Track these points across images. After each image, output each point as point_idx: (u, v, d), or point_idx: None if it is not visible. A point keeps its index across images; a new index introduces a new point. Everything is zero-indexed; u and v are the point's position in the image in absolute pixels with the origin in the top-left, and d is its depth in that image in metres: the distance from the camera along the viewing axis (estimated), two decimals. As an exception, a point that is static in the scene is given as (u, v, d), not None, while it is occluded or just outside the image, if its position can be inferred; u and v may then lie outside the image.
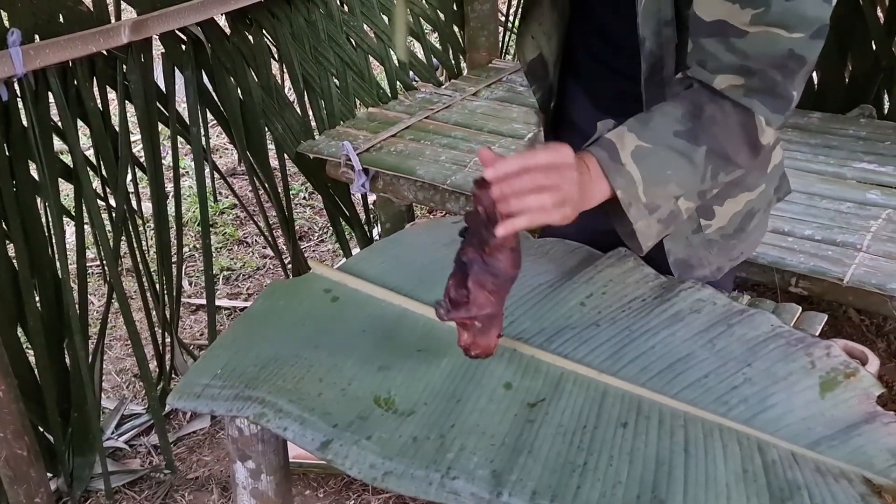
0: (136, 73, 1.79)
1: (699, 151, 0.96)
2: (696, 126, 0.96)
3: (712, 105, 0.97)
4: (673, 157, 0.96)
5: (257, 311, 1.22)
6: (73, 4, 1.67)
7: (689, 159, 0.97)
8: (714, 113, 0.96)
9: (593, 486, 0.90)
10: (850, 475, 0.90)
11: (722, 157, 0.98)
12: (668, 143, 0.96)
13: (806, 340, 1.07)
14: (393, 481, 0.93)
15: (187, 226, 2.89)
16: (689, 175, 0.98)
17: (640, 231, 1.00)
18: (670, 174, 0.97)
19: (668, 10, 1.03)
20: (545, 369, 1.06)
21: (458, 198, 1.94)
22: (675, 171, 0.97)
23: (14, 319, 1.66)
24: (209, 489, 1.87)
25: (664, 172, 0.97)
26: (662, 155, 0.96)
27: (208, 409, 1.06)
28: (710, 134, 0.96)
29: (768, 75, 0.94)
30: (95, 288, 2.56)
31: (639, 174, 0.95)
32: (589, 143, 1.00)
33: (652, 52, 1.06)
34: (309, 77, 2.23)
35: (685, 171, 0.97)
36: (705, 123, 0.96)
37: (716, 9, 0.94)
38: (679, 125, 0.97)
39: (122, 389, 2.19)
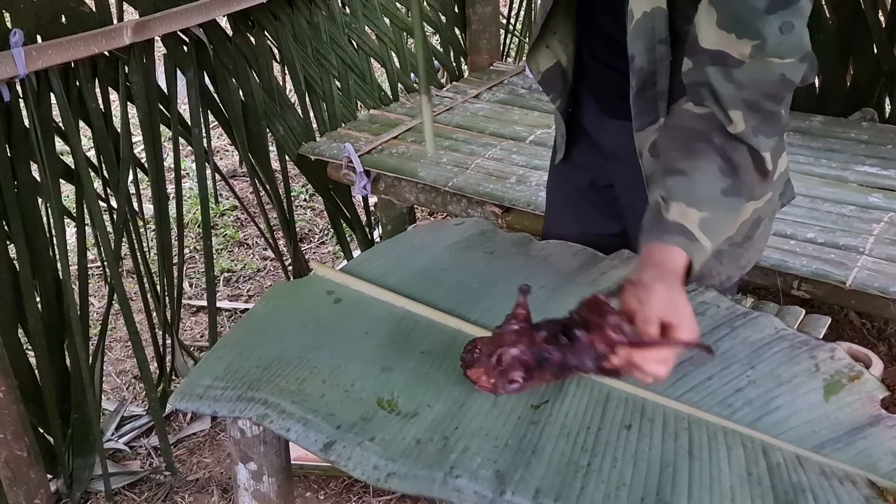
0: (138, 74, 1.79)
1: (741, 203, 1.02)
2: (735, 181, 1.00)
3: (737, 154, 1.00)
4: (728, 215, 1.02)
5: (260, 313, 1.22)
6: (76, 5, 1.67)
7: (737, 211, 1.02)
8: (741, 162, 1.00)
9: (597, 487, 0.90)
10: (854, 478, 0.90)
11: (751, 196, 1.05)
12: (721, 206, 1.00)
13: (810, 343, 1.07)
14: (396, 482, 0.92)
15: (188, 227, 2.88)
16: (735, 220, 1.05)
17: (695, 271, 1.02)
18: (724, 227, 1.03)
19: (661, 27, 1.05)
20: (549, 371, 1.06)
21: (459, 200, 1.94)
22: (727, 225, 1.03)
23: (15, 320, 1.66)
24: (209, 491, 1.87)
25: (724, 231, 1.03)
26: (720, 217, 1.00)
27: (211, 410, 1.05)
28: (746, 184, 1.01)
29: (764, 107, 0.98)
30: (96, 289, 2.56)
31: (709, 243, 0.99)
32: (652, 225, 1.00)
33: (642, 68, 1.08)
34: (310, 79, 2.23)
35: (734, 221, 1.05)
36: (741, 175, 1.00)
37: (713, 38, 0.97)
38: (722, 182, 0.99)
39: (123, 391, 2.18)
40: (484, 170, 1.99)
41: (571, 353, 0.96)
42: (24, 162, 1.63)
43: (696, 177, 0.99)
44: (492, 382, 1.00)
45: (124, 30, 1.72)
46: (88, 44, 1.67)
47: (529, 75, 2.61)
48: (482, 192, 1.88)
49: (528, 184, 1.90)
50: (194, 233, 2.84)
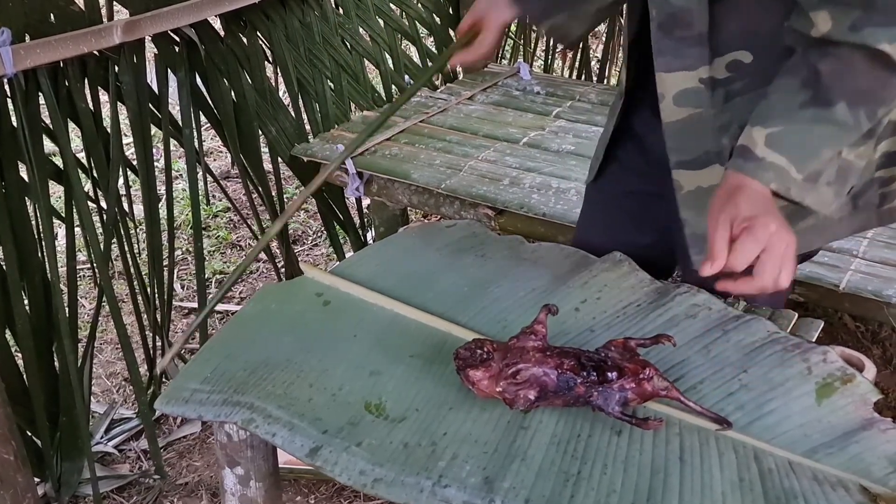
0: (129, 74, 1.78)
1: (836, 110, 0.90)
2: (818, 91, 0.91)
3: (827, 61, 0.90)
4: (810, 126, 0.91)
5: (248, 315, 1.20)
6: (65, 4, 1.66)
7: (829, 122, 0.91)
8: (834, 67, 0.90)
9: (587, 494, 0.88)
10: (847, 483, 0.89)
11: (869, 99, 0.91)
12: (798, 118, 0.91)
13: (802, 346, 1.06)
14: (383, 488, 0.91)
15: (180, 229, 2.87)
16: (838, 133, 0.92)
17: (813, 203, 0.95)
18: (817, 144, 0.92)
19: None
20: (539, 375, 1.05)
21: (452, 202, 1.93)
22: (820, 139, 0.92)
23: (2, 322, 1.64)
24: (199, 495, 1.85)
25: (810, 145, 0.92)
26: (797, 130, 0.91)
27: (196, 414, 1.04)
28: (839, 90, 0.90)
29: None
30: (86, 291, 2.54)
31: (783, 159, 0.91)
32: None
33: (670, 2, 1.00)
34: (303, 79, 2.22)
35: (831, 133, 0.92)
36: (827, 83, 0.90)
37: None
38: (801, 96, 0.91)
39: (113, 393, 2.16)
40: (477, 171, 1.98)
41: (598, 391, 0.96)
42: (11, 162, 1.61)
43: (773, 98, 0.93)
44: (497, 391, 0.98)
45: (114, 29, 1.71)
46: (78, 43, 1.65)
47: (524, 77, 2.61)
48: (475, 194, 1.87)
49: (521, 185, 1.89)
50: (186, 234, 2.82)
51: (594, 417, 0.98)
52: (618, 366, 0.96)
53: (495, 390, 0.98)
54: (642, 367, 0.96)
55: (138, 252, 1.94)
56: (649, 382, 0.95)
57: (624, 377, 0.95)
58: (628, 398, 0.95)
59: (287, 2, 2.15)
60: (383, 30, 2.44)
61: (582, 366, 0.97)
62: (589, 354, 0.99)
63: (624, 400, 0.96)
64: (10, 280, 1.62)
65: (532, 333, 1.01)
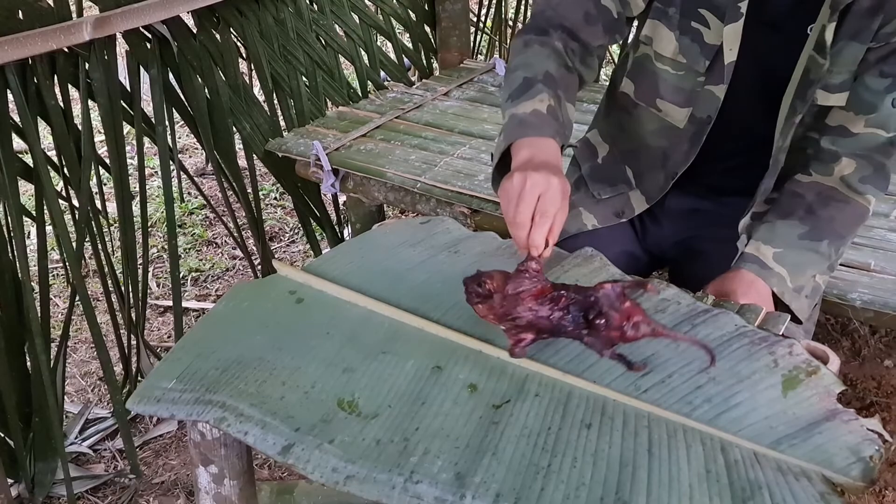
0: (100, 71, 1.76)
1: (822, 244, 1.20)
2: (813, 228, 1.20)
3: (827, 209, 1.21)
4: (803, 253, 1.21)
5: (220, 313, 1.20)
6: (34, 0, 1.64)
7: (816, 251, 1.21)
8: (832, 214, 1.21)
9: (557, 487, 0.89)
10: (810, 474, 0.90)
11: (840, 239, 1.22)
12: (796, 246, 1.20)
13: (769, 339, 1.08)
14: (355, 485, 0.91)
15: (155, 226, 2.85)
16: (819, 260, 1.21)
17: (796, 309, 1.22)
18: (805, 263, 1.20)
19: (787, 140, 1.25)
20: (510, 371, 1.06)
21: (428, 199, 1.93)
22: (808, 261, 1.21)
23: (-28, 322, 1.62)
24: (175, 494, 1.84)
25: (801, 264, 1.20)
26: (795, 254, 1.20)
27: (168, 413, 1.04)
28: (827, 232, 1.20)
29: (875, 159, 1.19)
30: (60, 290, 2.52)
31: (784, 271, 1.19)
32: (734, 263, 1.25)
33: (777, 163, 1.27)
34: (278, 76, 2.21)
35: (815, 259, 1.21)
36: (823, 224, 1.20)
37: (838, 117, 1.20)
38: (800, 229, 1.21)
39: (87, 393, 2.15)
40: (453, 168, 1.98)
41: (587, 333, 1.04)
42: (-20, 160, 1.60)
43: (778, 225, 1.21)
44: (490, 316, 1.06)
45: (84, 26, 1.70)
46: (47, 39, 1.64)
47: (500, 73, 2.61)
48: (450, 192, 1.88)
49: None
50: (161, 232, 2.80)
51: (565, 410, 0.99)
52: (609, 309, 1.02)
53: (490, 316, 1.06)
54: (631, 312, 1.02)
55: (112, 250, 1.92)
56: (637, 326, 1.02)
57: (613, 320, 1.02)
58: (614, 340, 1.03)
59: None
60: (358, 25, 2.43)
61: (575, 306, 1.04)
62: (581, 299, 1.04)
63: (611, 344, 1.03)
64: (-20, 280, 1.60)
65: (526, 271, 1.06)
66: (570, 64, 1.26)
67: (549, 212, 1.09)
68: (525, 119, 1.15)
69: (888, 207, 1.78)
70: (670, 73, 1.29)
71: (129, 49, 1.88)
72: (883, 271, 1.59)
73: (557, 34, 1.25)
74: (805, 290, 1.22)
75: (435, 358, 1.08)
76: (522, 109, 1.16)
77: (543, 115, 1.15)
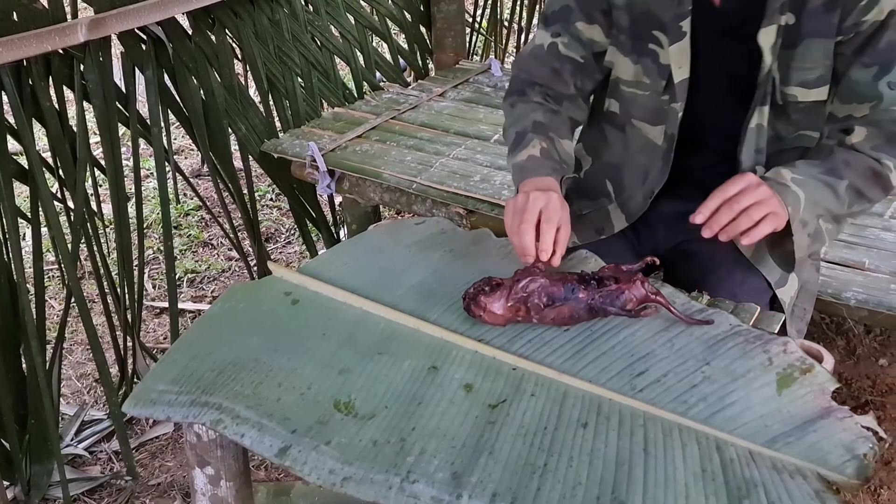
0: (95, 72, 1.76)
1: (842, 184, 1.16)
2: (833, 167, 1.17)
3: (843, 153, 1.18)
4: (822, 186, 1.16)
5: (216, 315, 1.20)
6: (28, 2, 1.63)
7: (834, 189, 1.16)
8: (846, 157, 1.18)
9: (553, 487, 0.89)
10: (805, 472, 0.91)
11: (857, 192, 1.18)
12: (815, 177, 1.16)
13: (763, 338, 1.08)
14: (352, 486, 0.92)
15: (151, 228, 2.84)
16: (834, 201, 1.17)
17: (797, 243, 1.16)
18: (821, 197, 1.16)
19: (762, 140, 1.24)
20: (506, 370, 1.06)
21: (424, 200, 1.93)
22: (825, 197, 1.16)
23: (-32, 325, 1.62)
24: (171, 495, 1.84)
25: (818, 195, 1.16)
26: (814, 183, 1.16)
27: (164, 415, 1.04)
28: (847, 173, 1.17)
29: (887, 128, 1.16)
30: (55, 292, 2.51)
31: (802, 194, 1.14)
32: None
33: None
34: (273, 77, 2.21)
35: (831, 198, 1.17)
36: (839, 164, 1.17)
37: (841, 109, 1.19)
38: (820, 167, 1.18)
39: (83, 395, 2.14)
40: (448, 169, 1.98)
41: (600, 295, 1.09)
42: (-25, 162, 1.59)
43: (799, 162, 1.18)
44: (508, 307, 1.09)
45: (79, 27, 1.69)
46: (41, 41, 1.63)
47: (496, 73, 2.62)
48: (446, 193, 1.88)
49: (491, 182, 1.90)
50: (157, 233, 2.80)
51: (561, 410, 0.99)
52: (614, 277, 1.12)
53: (507, 307, 1.09)
54: (633, 276, 1.11)
55: (108, 252, 1.92)
56: (642, 286, 1.09)
57: (622, 280, 1.10)
58: (626, 299, 1.09)
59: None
60: (354, 27, 2.43)
61: (583, 279, 1.11)
62: (588, 273, 1.13)
63: (623, 301, 1.09)
64: (-25, 282, 1.60)
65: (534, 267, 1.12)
66: (555, 109, 1.35)
67: (553, 219, 1.15)
68: (524, 165, 1.25)
69: (882, 207, 1.79)
70: (638, 94, 1.32)
71: (124, 50, 1.87)
72: (877, 270, 1.59)
73: (534, 91, 1.36)
74: (809, 228, 1.19)
75: (431, 358, 1.08)
76: (520, 158, 1.27)
77: (538, 158, 1.25)
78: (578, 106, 1.39)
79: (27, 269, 1.69)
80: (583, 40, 1.31)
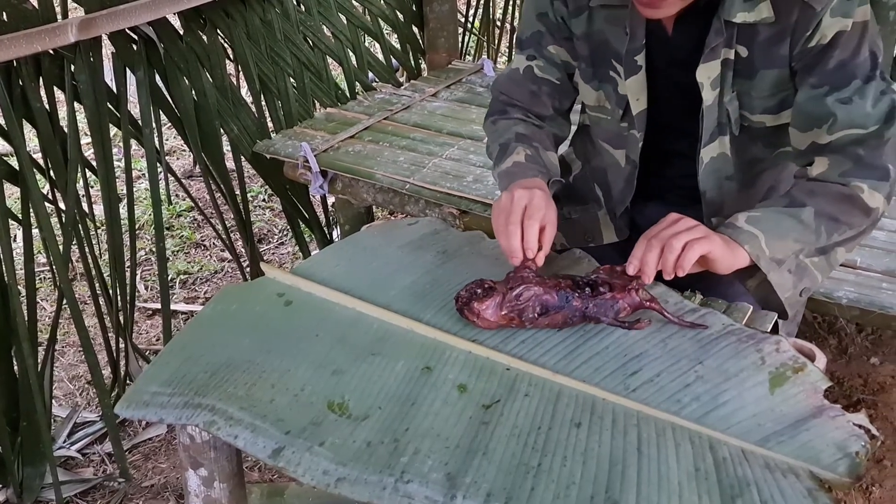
0: (85, 73, 1.75)
1: (805, 211, 1.11)
2: (793, 199, 1.13)
3: (806, 184, 1.15)
4: (783, 217, 1.12)
5: (208, 316, 1.20)
6: (18, 2, 1.63)
7: (798, 219, 1.11)
8: (810, 187, 1.14)
9: (547, 487, 0.89)
10: (797, 470, 0.91)
11: (831, 219, 1.12)
12: (775, 211, 1.13)
13: (756, 337, 1.08)
14: (346, 487, 0.91)
15: (143, 229, 2.83)
16: (803, 231, 1.11)
17: (774, 282, 1.13)
18: (785, 230, 1.11)
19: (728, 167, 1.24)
20: (500, 371, 1.06)
21: (417, 201, 1.93)
22: (790, 229, 1.11)
23: (-42, 327, 1.61)
24: (165, 497, 1.83)
25: (780, 227, 1.11)
26: (773, 216, 1.12)
27: (157, 417, 1.03)
28: (809, 200, 1.12)
29: (851, 152, 1.11)
30: (47, 294, 2.50)
31: (758, 230, 1.10)
32: None
33: (713, 200, 1.27)
34: (265, 77, 2.20)
35: (798, 228, 1.11)
36: (802, 194, 1.13)
37: (802, 140, 1.16)
38: (780, 202, 1.14)
39: (76, 397, 2.13)
40: (441, 169, 1.98)
41: (594, 303, 1.09)
42: (-35, 164, 1.58)
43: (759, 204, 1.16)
44: (502, 314, 1.08)
45: (69, 27, 1.68)
46: (31, 42, 1.63)
47: (488, 73, 2.62)
48: (439, 193, 1.88)
49: (484, 183, 1.90)
50: (149, 235, 2.79)
51: (554, 410, 1.00)
52: (608, 283, 1.10)
53: (500, 314, 1.08)
54: (630, 281, 1.09)
55: (99, 253, 1.91)
56: (637, 293, 1.08)
57: (615, 291, 1.09)
58: (620, 307, 1.08)
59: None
60: (346, 27, 2.43)
61: (577, 285, 1.10)
62: (582, 278, 1.11)
63: (616, 310, 1.08)
64: (-34, 284, 1.59)
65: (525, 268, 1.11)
66: (537, 124, 1.36)
67: (536, 215, 1.13)
68: (509, 171, 1.26)
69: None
70: (601, 118, 1.34)
71: (114, 51, 1.87)
72: (869, 269, 1.60)
73: (515, 110, 1.38)
74: (787, 265, 1.14)
75: (424, 359, 1.08)
76: (506, 165, 1.27)
77: (523, 164, 1.25)
78: (559, 124, 1.40)
79: (18, 270, 1.68)
80: (556, 62, 1.33)
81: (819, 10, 1.09)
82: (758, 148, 1.25)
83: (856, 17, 1.09)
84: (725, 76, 1.17)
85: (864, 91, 1.11)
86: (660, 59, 1.22)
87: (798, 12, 1.10)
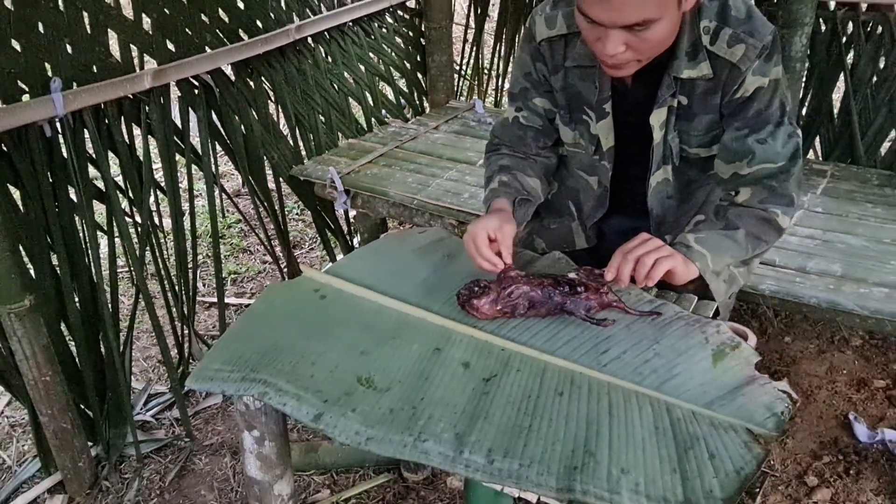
0: (157, 112, 1.74)
1: (739, 233, 1.15)
2: (728, 222, 1.16)
3: (735, 209, 1.17)
4: (722, 239, 1.15)
5: (258, 309, 1.19)
6: (105, 57, 1.61)
7: (734, 239, 1.15)
8: (738, 212, 1.16)
9: (537, 443, 0.89)
10: (736, 427, 0.91)
11: (756, 238, 1.16)
12: (716, 233, 1.15)
13: (701, 321, 1.08)
14: (374, 445, 0.91)
15: (201, 238, 2.81)
16: (737, 249, 1.15)
17: (714, 290, 1.17)
18: (724, 249, 1.14)
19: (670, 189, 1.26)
20: (497, 351, 1.06)
21: (423, 213, 1.93)
22: (728, 247, 1.14)
23: (58, 317, 1.60)
24: (222, 454, 1.82)
25: (721, 247, 1.14)
26: (715, 239, 1.15)
27: (220, 389, 1.02)
28: (741, 223, 1.15)
29: (766, 184, 1.15)
30: (125, 290, 2.47)
31: (705, 250, 1.13)
32: None
33: (658, 215, 1.29)
34: (299, 114, 2.19)
35: (734, 246, 1.15)
36: (733, 219, 1.16)
37: (727, 170, 1.18)
38: (718, 225, 1.17)
39: (149, 373, 2.12)
40: (442, 188, 1.97)
41: (571, 301, 1.09)
42: (63, 186, 1.57)
43: (700, 226, 1.18)
44: (497, 309, 1.08)
45: (145, 76, 1.67)
46: (115, 88, 1.61)
47: (479, 111, 2.61)
48: (441, 207, 1.87)
49: (478, 199, 1.90)
50: (206, 242, 2.77)
51: (541, 382, 0.99)
52: (584, 283, 1.10)
53: (496, 309, 1.09)
54: (601, 286, 1.10)
55: (167, 257, 1.90)
56: (606, 296, 1.10)
57: (588, 291, 1.09)
58: (592, 306, 1.09)
59: (286, 52, 2.12)
60: (364, 74, 2.42)
61: (558, 283, 1.10)
62: (561, 277, 1.12)
63: (588, 307, 1.08)
64: (63, 282, 1.58)
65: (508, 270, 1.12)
66: (521, 156, 1.36)
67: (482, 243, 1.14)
68: (486, 197, 1.30)
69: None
70: (577, 152, 1.34)
71: (180, 95, 1.85)
72: (786, 266, 1.60)
73: (504, 148, 1.38)
74: (723, 275, 1.19)
75: (435, 342, 1.08)
76: (486, 194, 1.31)
77: (497, 189, 1.28)
78: (545, 156, 1.39)
79: (104, 271, 1.67)
80: (539, 112, 1.32)
81: (744, 70, 1.10)
82: (693, 172, 1.26)
83: (771, 76, 1.11)
84: (670, 120, 1.19)
85: (776, 134, 1.13)
86: (621, 107, 1.23)
87: (728, 71, 1.12)
